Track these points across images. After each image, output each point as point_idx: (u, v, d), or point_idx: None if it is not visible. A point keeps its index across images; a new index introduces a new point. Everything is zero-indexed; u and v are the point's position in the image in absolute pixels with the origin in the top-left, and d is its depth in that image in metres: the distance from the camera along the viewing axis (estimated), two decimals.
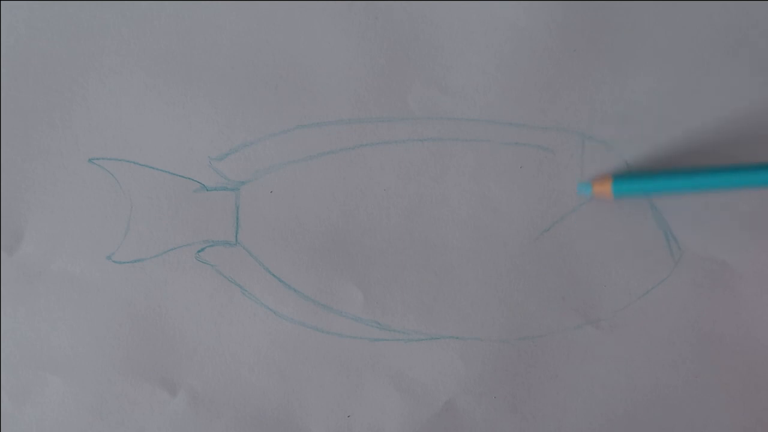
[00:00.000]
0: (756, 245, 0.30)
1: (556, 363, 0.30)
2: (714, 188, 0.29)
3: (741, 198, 0.30)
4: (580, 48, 0.30)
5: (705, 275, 0.30)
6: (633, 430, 0.30)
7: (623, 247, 0.30)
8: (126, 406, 0.31)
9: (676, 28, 0.30)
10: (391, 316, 0.30)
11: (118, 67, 0.31)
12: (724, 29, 0.30)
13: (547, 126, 0.30)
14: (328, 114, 0.31)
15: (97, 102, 0.31)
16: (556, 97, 0.30)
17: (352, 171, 0.31)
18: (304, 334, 0.31)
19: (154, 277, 0.31)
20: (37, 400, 0.31)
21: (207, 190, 0.31)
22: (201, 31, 0.31)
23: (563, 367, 0.30)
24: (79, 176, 0.31)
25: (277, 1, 0.31)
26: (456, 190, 0.31)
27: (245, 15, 0.31)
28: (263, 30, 0.31)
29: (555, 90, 0.30)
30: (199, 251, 0.31)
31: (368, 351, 0.31)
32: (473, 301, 0.30)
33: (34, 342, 0.31)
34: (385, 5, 0.31)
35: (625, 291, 0.30)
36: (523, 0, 0.30)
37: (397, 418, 0.31)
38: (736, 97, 0.30)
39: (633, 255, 0.30)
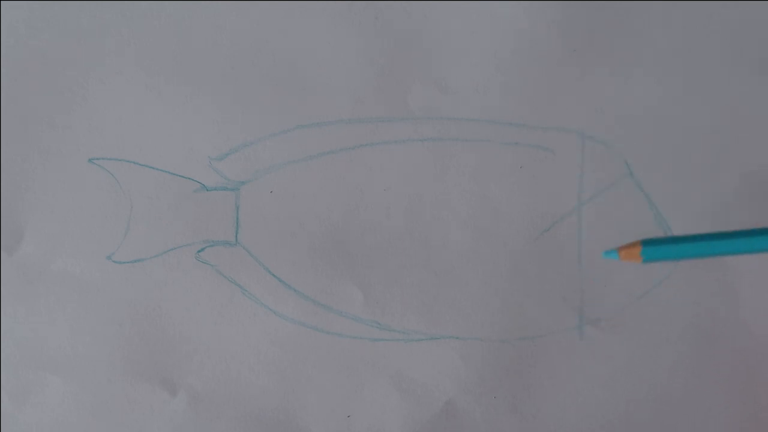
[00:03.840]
0: None
1: (556, 363, 0.30)
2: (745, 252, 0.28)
3: (741, 198, 0.30)
4: (580, 48, 0.30)
5: (705, 275, 0.30)
6: (633, 430, 0.30)
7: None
8: (126, 406, 0.31)
9: (676, 28, 0.30)
10: (391, 316, 0.30)
11: (118, 67, 0.31)
12: (724, 29, 0.30)
13: (547, 126, 0.30)
14: (328, 114, 0.31)
15: (97, 102, 0.31)
16: (556, 97, 0.30)
17: (352, 171, 0.31)
18: (304, 334, 0.31)
19: (154, 277, 0.31)
20: (37, 400, 0.31)
21: (207, 190, 0.31)
22: (201, 31, 0.31)
23: (563, 367, 0.30)
24: (79, 176, 0.31)
25: (277, 1, 0.31)
26: (456, 190, 0.31)
27: (245, 15, 0.31)
28: (263, 30, 0.31)
29: (555, 90, 0.30)
30: (199, 251, 0.31)
31: (368, 351, 0.31)
32: (473, 301, 0.30)
33: (34, 342, 0.31)
34: (385, 5, 0.30)
35: (625, 291, 0.30)
36: (523, 0, 0.30)
37: (397, 418, 0.31)
38: (735, 97, 0.30)
39: None
